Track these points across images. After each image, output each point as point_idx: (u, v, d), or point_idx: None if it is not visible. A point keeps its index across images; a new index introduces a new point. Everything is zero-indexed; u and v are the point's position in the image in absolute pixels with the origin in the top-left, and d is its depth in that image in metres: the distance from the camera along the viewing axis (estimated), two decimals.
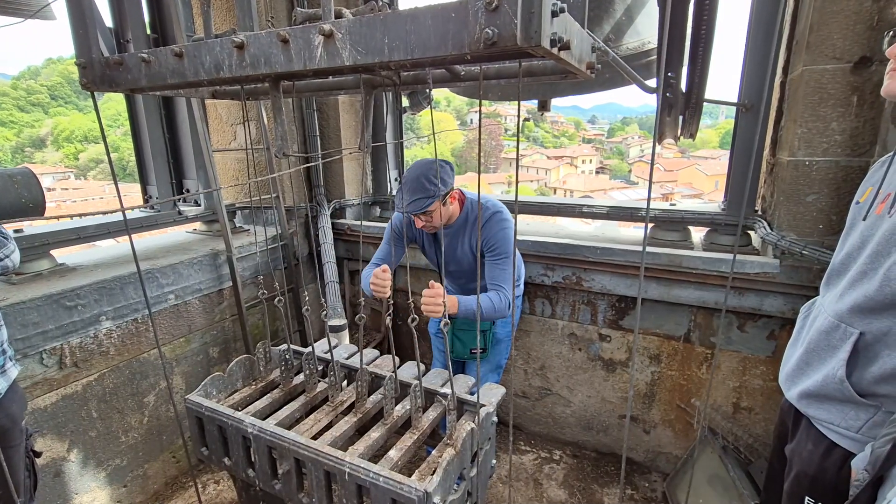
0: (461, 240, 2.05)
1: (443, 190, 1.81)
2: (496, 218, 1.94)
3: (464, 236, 2.05)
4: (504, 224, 1.94)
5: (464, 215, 2.04)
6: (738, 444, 2.23)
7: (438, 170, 1.82)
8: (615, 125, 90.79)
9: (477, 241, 1.99)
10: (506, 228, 1.93)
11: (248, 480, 1.52)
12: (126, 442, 2.17)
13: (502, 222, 1.94)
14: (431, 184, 1.79)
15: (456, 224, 2.04)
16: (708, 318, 2.20)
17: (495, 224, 1.94)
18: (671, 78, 1.24)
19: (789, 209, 1.85)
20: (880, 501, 0.82)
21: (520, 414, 2.79)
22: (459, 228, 2.05)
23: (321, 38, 0.66)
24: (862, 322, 1.05)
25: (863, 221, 1.10)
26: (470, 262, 2.08)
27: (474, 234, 2.02)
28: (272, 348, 1.79)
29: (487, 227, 1.94)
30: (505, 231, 1.93)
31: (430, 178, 1.80)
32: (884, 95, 1.06)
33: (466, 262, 2.09)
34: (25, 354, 1.76)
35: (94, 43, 0.89)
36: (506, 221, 1.94)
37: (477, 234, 2.00)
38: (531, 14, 0.54)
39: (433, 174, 1.80)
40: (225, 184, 2.88)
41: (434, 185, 1.79)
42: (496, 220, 1.94)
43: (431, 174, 1.81)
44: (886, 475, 0.83)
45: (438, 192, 1.80)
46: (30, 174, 1.88)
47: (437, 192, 1.80)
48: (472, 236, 2.03)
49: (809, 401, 1.16)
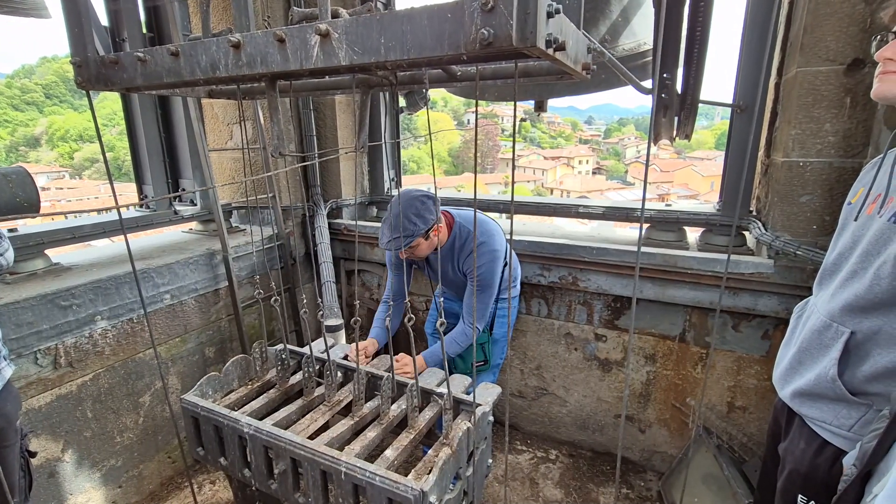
0: (451, 265, 2.08)
1: (423, 228, 1.81)
2: (483, 249, 1.94)
3: (453, 260, 2.06)
4: (492, 255, 1.94)
5: (451, 242, 2.04)
6: (732, 443, 2.24)
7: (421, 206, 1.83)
8: (612, 126, 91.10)
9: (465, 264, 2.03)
10: (493, 260, 1.94)
11: (244, 480, 1.52)
12: (121, 442, 2.16)
13: (490, 254, 1.94)
14: (412, 223, 1.80)
15: (445, 248, 2.06)
16: (703, 317, 2.21)
17: (482, 256, 1.94)
18: (667, 79, 1.25)
19: (783, 210, 1.87)
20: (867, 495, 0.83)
21: (516, 413, 2.80)
22: (448, 252, 2.06)
23: (318, 37, 0.66)
24: (853, 321, 1.06)
25: (854, 222, 1.11)
26: (462, 281, 2.12)
27: (461, 258, 2.04)
28: (268, 348, 1.79)
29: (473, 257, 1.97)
30: (491, 263, 1.94)
31: (411, 217, 1.80)
32: (873, 98, 1.07)
33: (459, 282, 2.13)
34: (20, 354, 1.75)
35: (89, 41, 0.89)
36: (494, 252, 1.95)
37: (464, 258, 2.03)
38: (527, 15, 0.54)
39: (414, 212, 1.81)
40: (221, 183, 2.87)
41: (414, 224, 1.80)
42: (483, 252, 1.94)
43: (412, 212, 1.81)
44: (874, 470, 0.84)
45: (418, 231, 1.81)
46: (24, 173, 1.87)
47: (416, 231, 1.81)
48: (460, 261, 2.04)
49: (802, 399, 1.17)
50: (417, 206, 1.82)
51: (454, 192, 3.25)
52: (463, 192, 7.76)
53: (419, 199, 1.85)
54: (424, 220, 1.82)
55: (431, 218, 1.85)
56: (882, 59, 1.03)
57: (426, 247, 1.90)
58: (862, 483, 0.86)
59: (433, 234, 1.90)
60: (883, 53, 1.02)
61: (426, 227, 1.82)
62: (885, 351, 1.00)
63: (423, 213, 1.82)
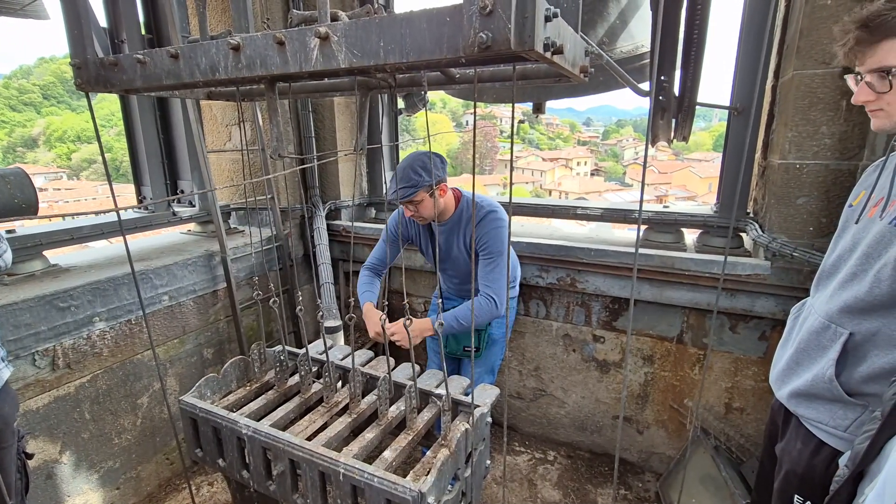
0: (456, 239, 2.06)
1: (427, 180, 1.83)
2: (490, 217, 1.95)
3: (458, 235, 2.06)
4: (498, 223, 1.94)
5: (458, 213, 2.05)
6: (729, 444, 2.25)
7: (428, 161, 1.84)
8: (610, 127, 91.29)
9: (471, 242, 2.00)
10: (499, 227, 1.94)
11: (242, 482, 1.52)
12: (119, 444, 2.15)
13: (496, 221, 1.94)
14: (417, 174, 1.82)
15: (450, 222, 2.05)
16: (700, 319, 2.22)
17: (489, 223, 1.94)
18: (664, 81, 1.26)
19: (780, 211, 1.88)
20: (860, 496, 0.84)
21: (514, 415, 2.80)
22: (454, 226, 2.05)
23: (317, 40, 0.67)
24: (852, 322, 1.06)
25: (855, 224, 1.12)
26: (465, 261, 2.09)
27: (468, 232, 2.03)
28: (267, 349, 1.79)
29: (481, 225, 1.94)
30: (498, 230, 1.93)
31: (417, 169, 1.83)
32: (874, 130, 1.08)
33: (462, 262, 2.10)
34: (18, 356, 1.75)
35: (88, 43, 0.89)
36: (500, 221, 1.95)
37: (470, 233, 2.01)
38: (525, 18, 0.55)
39: (420, 165, 1.83)
40: (220, 185, 2.87)
41: (419, 175, 1.82)
42: (490, 219, 1.95)
43: (419, 164, 1.84)
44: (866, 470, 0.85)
45: (422, 183, 1.82)
46: (22, 174, 1.87)
47: (420, 182, 1.82)
48: (467, 235, 2.04)
49: (799, 400, 1.18)
50: (424, 160, 1.85)
51: None
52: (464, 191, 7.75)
53: (426, 154, 1.87)
54: (430, 173, 1.83)
55: (438, 173, 1.88)
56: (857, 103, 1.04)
57: (430, 206, 1.89)
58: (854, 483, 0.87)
59: (439, 194, 1.92)
60: (856, 100, 1.03)
61: (431, 180, 1.83)
62: (883, 352, 1.01)
63: (428, 166, 1.84)
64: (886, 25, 0.93)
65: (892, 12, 0.92)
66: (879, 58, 0.95)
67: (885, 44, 0.94)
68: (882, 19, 0.93)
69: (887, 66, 0.94)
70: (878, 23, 0.94)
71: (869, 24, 0.95)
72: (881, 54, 0.95)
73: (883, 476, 0.72)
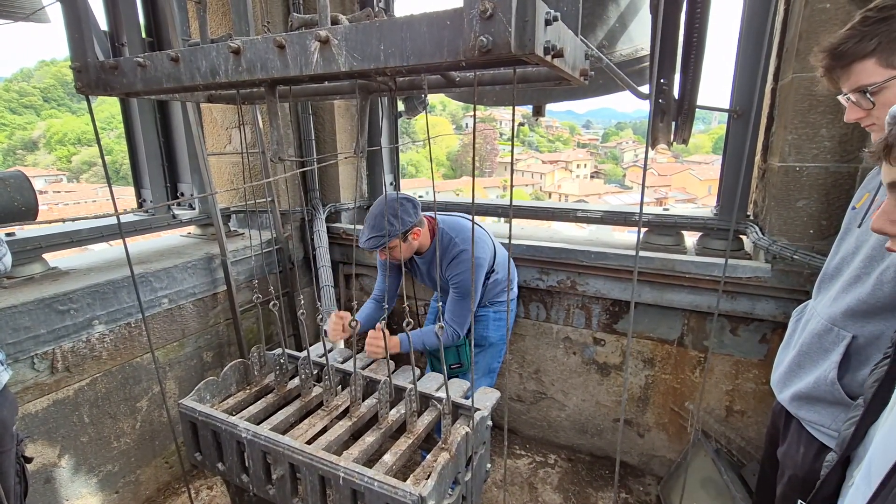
0: (436, 269, 2.07)
1: (399, 230, 1.83)
2: (462, 257, 1.94)
3: (437, 267, 2.06)
4: (467, 265, 1.93)
5: (433, 247, 2.04)
6: (730, 447, 2.24)
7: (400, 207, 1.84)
8: (609, 130, 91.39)
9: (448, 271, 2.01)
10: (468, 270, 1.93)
11: (241, 486, 1.52)
12: (118, 447, 2.15)
13: (466, 262, 1.94)
14: (389, 223, 1.82)
15: (428, 254, 2.07)
16: (701, 321, 2.21)
17: (462, 263, 1.94)
18: (664, 84, 1.26)
19: (780, 214, 1.88)
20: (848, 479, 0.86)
21: (515, 418, 2.79)
22: (431, 259, 2.07)
23: (317, 44, 0.67)
24: (855, 325, 1.06)
25: (858, 228, 1.12)
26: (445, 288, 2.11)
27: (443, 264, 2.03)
28: (266, 352, 1.79)
29: (453, 264, 1.95)
30: (467, 273, 1.93)
31: (389, 218, 1.82)
32: None
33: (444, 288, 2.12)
34: (17, 359, 1.75)
35: (89, 47, 0.89)
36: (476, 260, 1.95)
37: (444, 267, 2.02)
38: (525, 22, 0.55)
39: (392, 213, 1.82)
40: (220, 187, 2.87)
41: (391, 224, 1.82)
42: (464, 259, 1.94)
43: (391, 213, 1.82)
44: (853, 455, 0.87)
45: (394, 232, 1.83)
46: (22, 177, 1.86)
47: (392, 232, 1.83)
48: (442, 267, 2.04)
49: (800, 403, 1.17)
50: (396, 207, 1.84)
51: (452, 196, 3.25)
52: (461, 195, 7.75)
53: (399, 200, 1.87)
54: (402, 221, 1.84)
55: (410, 220, 1.87)
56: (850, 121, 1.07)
57: (405, 249, 1.92)
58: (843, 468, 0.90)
59: (412, 238, 1.92)
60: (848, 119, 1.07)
61: (403, 228, 1.84)
62: None
63: (401, 214, 1.84)
64: (850, 51, 0.99)
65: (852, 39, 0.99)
66: (854, 79, 1.01)
67: (855, 66, 1.00)
68: (845, 46, 1.00)
69: (863, 85, 0.99)
70: (842, 50, 1.01)
71: (834, 52, 1.02)
72: (854, 76, 1.01)
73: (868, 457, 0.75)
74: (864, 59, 0.98)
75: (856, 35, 0.98)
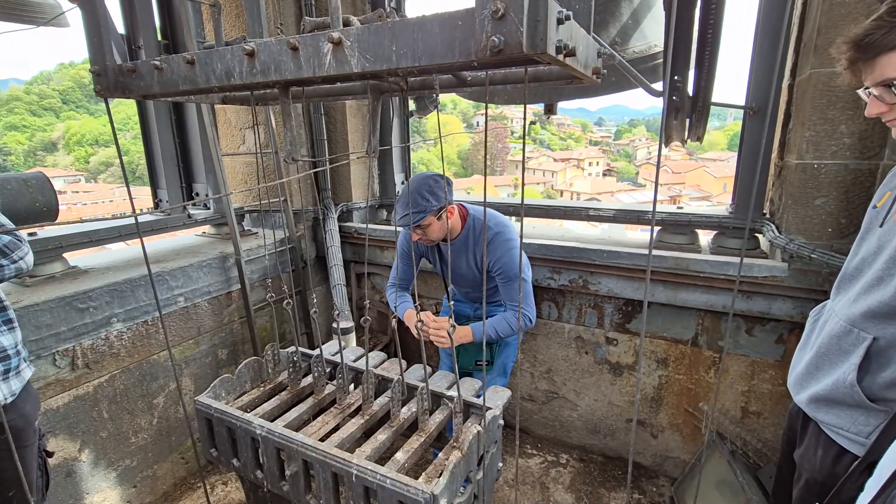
0: (465, 257, 2.06)
1: (435, 205, 1.81)
2: (499, 239, 1.93)
3: (466, 253, 2.05)
4: (508, 245, 1.92)
5: (466, 232, 2.03)
6: (746, 448, 2.21)
7: (435, 184, 1.83)
8: (622, 127, 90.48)
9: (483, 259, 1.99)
10: (511, 249, 1.92)
11: (256, 482, 1.54)
12: (136, 443, 2.19)
13: (506, 243, 1.92)
14: (424, 199, 1.80)
15: (458, 241, 2.04)
16: (715, 321, 2.19)
17: (500, 246, 1.92)
18: (678, 81, 1.24)
19: (797, 212, 1.84)
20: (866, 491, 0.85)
21: (526, 417, 2.79)
22: (461, 245, 2.05)
23: (330, 45, 0.67)
24: (876, 327, 1.04)
25: (879, 227, 1.10)
26: (475, 277, 2.09)
27: (477, 251, 2.02)
28: (280, 350, 1.81)
29: (491, 249, 1.93)
30: (510, 252, 1.92)
31: (423, 194, 1.80)
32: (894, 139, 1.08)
33: (471, 277, 2.10)
34: (38, 356, 1.79)
35: (108, 50, 0.91)
36: (509, 241, 1.93)
37: (480, 252, 2.01)
38: (537, 22, 0.54)
39: (427, 189, 1.81)
40: (234, 187, 2.91)
41: (427, 200, 1.80)
42: (500, 242, 1.92)
43: (426, 189, 1.81)
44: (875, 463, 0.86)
45: (430, 208, 1.80)
46: (43, 179, 1.91)
47: (428, 208, 1.80)
48: (475, 254, 2.03)
49: (818, 405, 1.15)
50: (430, 184, 1.82)
51: (464, 195, 3.25)
52: (472, 194, 7.75)
53: (433, 177, 1.85)
54: (437, 197, 1.81)
55: (444, 196, 1.85)
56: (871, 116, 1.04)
57: (438, 229, 1.89)
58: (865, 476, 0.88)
59: (447, 216, 1.89)
60: (869, 113, 1.04)
61: (438, 204, 1.82)
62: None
63: (436, 190, 1.81)
64: (877, 43, 0.95)
65: (880, 30, 0.95)
66: (879, 72, 0.97)
67: (881, 59, 0.96)
68: (871, 38, 0.96)
69: (888, 78, 0.96)
70: (868, 42, 0.97)
71: (860, 43, 0.98)
72: (880, 69, 0.97)
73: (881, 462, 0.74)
74: (890, 52, 0.94)
75: (883, 26, 0.94)
